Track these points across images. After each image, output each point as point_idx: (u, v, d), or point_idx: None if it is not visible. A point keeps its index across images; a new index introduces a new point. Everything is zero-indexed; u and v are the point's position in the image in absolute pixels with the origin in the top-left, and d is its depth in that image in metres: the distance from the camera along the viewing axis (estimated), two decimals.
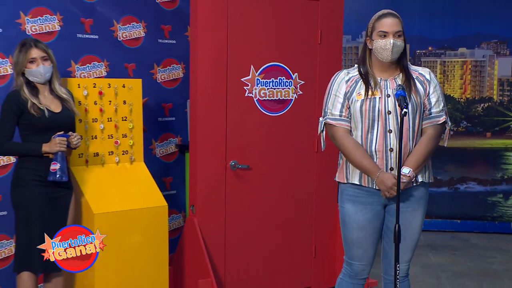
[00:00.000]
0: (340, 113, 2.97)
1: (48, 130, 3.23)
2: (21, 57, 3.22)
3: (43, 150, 3.21)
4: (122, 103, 3.69)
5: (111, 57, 4.12)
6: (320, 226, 4.29)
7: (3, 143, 3.20)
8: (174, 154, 4.50)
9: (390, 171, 2.88)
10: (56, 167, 3.20)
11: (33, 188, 3.22)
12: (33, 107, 3.19)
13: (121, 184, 3.61)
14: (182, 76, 4.45)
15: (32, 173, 3.23)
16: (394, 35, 2.86)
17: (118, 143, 3.68)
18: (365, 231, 2.96)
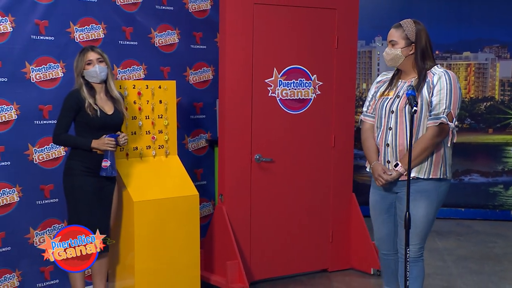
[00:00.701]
0: (366, 110, 3.10)
1: (100, 129, 3.27)
2: (80, 60, 3.29)
3: (92, 145, 3.24)
4: (158, 102, 3.69)
5: (149, 61, 4.13)
6: (336, 214, 4.25)
7: (59, 135, 3.26)
8: (204, 148, 4.50)
9: (387, 164, 2.93)
10: (107, 164, 3.25)
11: (82, 177, 3.26)
12: (89, 107, 3.23)
13: (158, 175, 3.62)
14: (212, 78, 4.44)
15: (81, 164, 3.26)
16: (389, 44, 2.95)
17: (155, 138, 3.68)
18: (374, 210, 3.08)
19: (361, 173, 5.51)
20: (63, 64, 3.78)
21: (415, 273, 2.97)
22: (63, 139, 3.28)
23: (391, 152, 2.91)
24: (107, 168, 3.25)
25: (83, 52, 3.30)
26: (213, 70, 4.43)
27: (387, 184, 2.95)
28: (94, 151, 3.26)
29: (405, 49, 2.93)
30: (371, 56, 6.02)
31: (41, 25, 3.67)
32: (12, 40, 3.57)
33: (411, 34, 2.92)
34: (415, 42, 2.92)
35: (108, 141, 3.24)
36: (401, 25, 2.94)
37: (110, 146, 3.25)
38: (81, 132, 3.30)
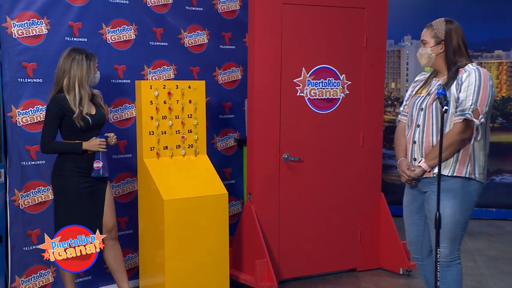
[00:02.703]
0: (403, 109, 3.10)
1: (86, 131, 3.28)
2: (93, 64, 3.27)
3: (84, 147, 3.26)
4: (188, 102, 3.70)
5: (179, 61, 4.14)
6: (364, 213, 4.22)
7: (48, 143, 3.25)
8: (233, 147, 4.50)
9: (414, 161, 2.92)
10: (99, 165, 3.26)
11: (75, 178, 3.26)
12: (78, 117, 3.21)
13: (187, 174, 3.63)
14: (241, 78, 4.44)
15: (74, 165, 3.27)
16: (421, 43, 2.96)
17: (185, 137, 3.69)
18: (406, 211, 3.05)
19: (389, 172, 5.45)
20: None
21: (449, 278, 2.89)
22: (52, 147, 3.26)
23: (417, 149, 2.90)
24: (99, 169, 3.26)
25: (92, 56, 3.27)
26: (242, 70, 4.43)
27: (411, 181, 2.91)
28: (86, 151, 3.27)
29: (435, 48, 2.91)
30: (400, 55, 5.94)
31: (75, 27, 3.73)
32: (47, 42, 3.64)
33: (441, 32, 2.90)
34: (444, 40, 2.89)
35: (100, 142, 3.26)
36: (432, 25, 2.95)
37: (102, 146, 3.26)
38: (68, 136, 3.29)
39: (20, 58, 3.57)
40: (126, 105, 4.00)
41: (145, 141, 3.57)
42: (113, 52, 3.89)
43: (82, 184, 3.28)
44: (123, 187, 4.03)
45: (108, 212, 3.39)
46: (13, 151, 3.58)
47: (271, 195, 3.88)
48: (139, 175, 3.67)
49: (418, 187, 2.97)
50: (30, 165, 3.63)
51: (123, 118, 3.99)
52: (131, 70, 3.97)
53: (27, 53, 3.59)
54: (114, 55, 3.89)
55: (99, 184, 3.36)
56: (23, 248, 3.59)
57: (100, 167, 3.26)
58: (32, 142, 3.56)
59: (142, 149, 3.58)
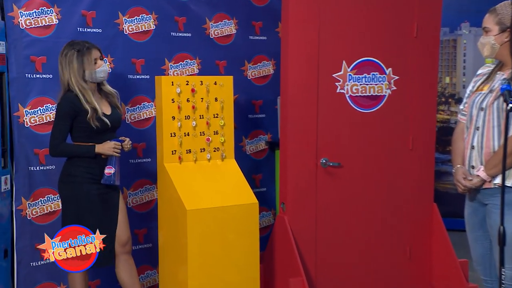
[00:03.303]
0: (463, 107, 3.08)
1: (101, 132, 3.29)
2: (86, 60, 3.26)
3: (96, 151, 3.27)
4: (213, 100, 3.70)
5: (203, 54, 4.16)
6: (415, 227, 4.13)
7: (57, 146, 3.27)
8: (264, 151, 4.51)
9: (471, 169, 2.86)
10: (111, 171, 3.27)
11: (86, 185, 3.28)
12: (93, 117, 3.22)
13: (213, 181, 3.63)
14: (273, 73, 4.45)
15: (84, 170, 3.28)
16: (483, 31, 2.86)
17: (210, 140, 3.69)
18: (468, 226, 3.04)
19: (443, 180, 5.33)
20: (111, 58, 3.87)
21: None
22: (62, 149, 3.27)
23: (476, 155, 2.84)
24: (111, 176, 3.27)
25: (86, 50, 3.27)
26: (274, 64, 4.44)
27: (467, 191, 2.86)
28: (99, 156, 3.29)
29: (499, 36, 2.81)
30: (456, 46, 5.82)
31: (88, 16, 3.77)
32: (57, 33, 3.68)
33: (506, 18, 2.79)
34: (511, 27, 2.78)
35: (115, 146, 3.26)
36: (496, 9, 2.83)
37: (116, 151, 3.26)
38: (79, 138, 3.31)
39: (28, 51, 3.63)
40: (145, 104, 4.04)
41: (166, 144, 3.58)
42: (131, 44, 3.93)
43: (93, 191, 3.30)
44: (141, 195, 4.06)
45: (121, 224, 3.41)
46: (20, 155, 3.63)
47: (307, 205, 3.84)
48: (159, 181, 3.69)
49: (479, 198, 2.89)
50: (38, 170, 3.68)
51: (141, 118, 4.03)
52: (150, 64, 4.00)
53: (35, 46, 3.64)
54: (131, 47, 3.93)
55: (111, 192, 3.38)
56: (31, 264, 3.63)
57: (111, 173, 3.27)
58: (41, 145, 3.61)
59: (163, 152, 3.59)
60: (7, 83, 3.62)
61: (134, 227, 3.83)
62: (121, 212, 3.43)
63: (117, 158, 3.31)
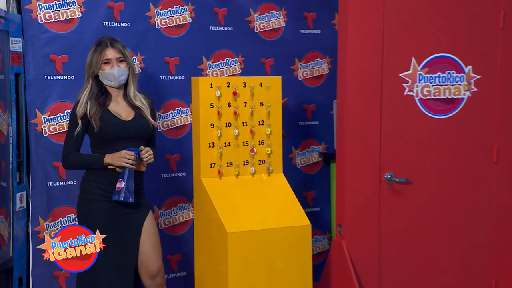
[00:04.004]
0: None
1: (116, 140, 3.26)
2: (96, 57, 3.27)
3: (105, 161, 3.24)
4: (258, 104, 3.70)
5: (247, 51, 4.19)
6: (501, 255, 4.03)
7: (67, 155, 3.27)
8: (317, 164, 4.53)
9: None
10: (121, 185, 3.22)
11: (97, 202, 3.26)
12: (93, 118, 3.22)
13: (258, 198, 3.65)
14: (328, 72, 4.46)
15: (96, 185, 3.27)
16: None
17: (254, 151, 3.70)
18: None
19: None
20: (141, 57, 3.91)
21: None
22: (72, 160, 3.27)
23: None
24: (120, 191, 3.22)
25: (99, 48, 3.28)
26: (330, 62, 4.45)
27: None
28: (112, 168, 3.26)
29: None
30: None
31: (115, 9, 3.82)
32: (80, 28, 3.73)
33: None
34: None
35: (125, 155, 3.21)
36: None
37: (128, 161, 3.20)
38: (96, 148, 3.31)
39: (47, 49, 3.67)
40: (179, 109, 4.06)
41: (204, 155, 3.60)
42: (163, 40, 3.97)
43: (105, 210, 3.26)
44: (174, 215, 4.08)
45: (151, 251, 3.35)
46: (37, 169, 3.67)
47: (369, 228, 3.81)
48: (196, 199, 3.70)
49: None
50: (58, 186, 3.72)
51: (174, 125, 4.06)
52: (186, 63, 4.04)
53: (56, 43, 3.69)
54: (164, 44, 3.97)
55: (134, 212, 3.32)
56: None
57: (122, 188, 3.22)
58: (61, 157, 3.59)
59: (200, 166, 3.61)
60: (24, 86, 3.69)
61: (166, 253, 3.85)
62: (150, 237, 3.36)
63: (131, 171, 3.26)
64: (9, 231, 3.65)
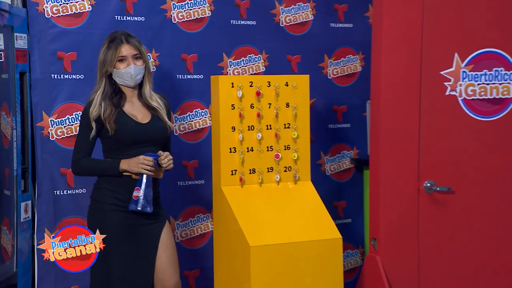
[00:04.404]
0: None
1: (132, 144, 3.24)
2: (110, 54, 3.24)
3: (121, 168, 3.22)
4: (284, 106, 3.69)
5: (271, 47, 4.20)
6: None
7: (78, 161, 3.25)
8: (349, 171, 4.53)
9: None
10: (138, 194, 3.21)
11: (111, 213, 3.24)
12: (107, 121, 3.20)
13: (283, 209, 3.65)
14: (361, 70, 4.46)
15: (110, 194, 3.25)
16: None
17: (279, 157, 3.69)
18: None
19: None
20: (156, 54, 3.92)
21: None
22: (83, 165, 3.25)
23: None
24: (138, 200, 3.20)
25: (114, 44, 3.25)
26: (363, 58, 4.45)
27: None
28: (127, 175, 3.24)
29: None
30: None
31: (128, 2, 3.84)
32: (90, 23, 3.75)
33: None
34: None
35: (143, 160, 3.19)
36: None
37: (146, 168, 3.18)
38: (110, 153, 3.30)
39: (54, 45, 3.69)
40: (197, 111, 4.09)
41: (224, 161, 3.60)
42: (180, 35, 3.98)
43: (120, 221, 3.25)
44: (192, 226, 4.09)
45: (167, 266, 3.35)
46: (43, 176, 3.68)
47: (407, 242, 3.78)
48: (215, 210, 3.71)
49: None
50: (66, 195, 3.74)
51: (192, 129, 4.09)
52: (205, 60, 4.05)
53: (64, 39, 3.71)
54: (181, 40, 3.99)
55: (150, 223, 3.32)
56: None
57: (139, 196, 3.20)
58: (69, 163, 3.54)
59: (220, 173, 3.61)
60: (29, 86, 3.70)
61: (183, 268, 3.84)
62: (167, 250, 3.36)
63: (149, 178, 3.24)
64: (12, 244, 3.66)
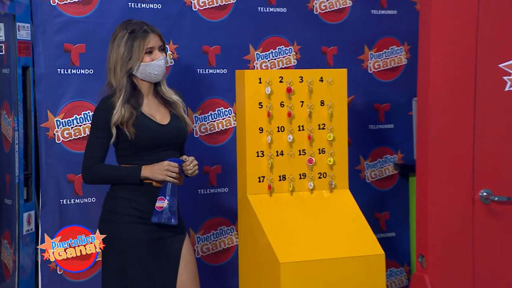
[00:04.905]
0: None
1: (154, 149, 3.23)
2: (136, 47, 3.22)
3: (142, 175, 3.20)
4: (318, 104, 3.67)
5: (304, 38, 4.19)
6: None
7: (91, 167, 3.23)
8: (392, 178, 4.53)
9: None
10: (163, 204, 3.19)
11: (129, 226, 3.23)
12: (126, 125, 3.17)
13: (317, 221, 3.65)
14: (406, 63, 4.46)
15: (128, 204, 3.24)
16: None
17: (313, 162, 3.68)
18: None
19: None
20: (174, 46, 3.94)
21: None
22: (97, 172, 3.23)
23: None
24: (162, 211, 3.19)
25: (139, 34, 3.23)
26: (409, 50, 4.45)
27: None
28: (148, 183, 3.23)
29: None
30: None
31: None
32: (101, 10, 3.77)
33: None
34: None
35: (169, 167, 3.17)
36: None
37: (171, 175, 3.18)
38: (124, 158, 3.28)
39: (61, 36, 3.70)
40: (220, 110, 4.09)
41: (251, 167, 3.60)
42: (201, 25, 4.00)
43: (140, 234, 3.24)
44: (214, 240, 4.12)
45: (188, 284, 3.34)
46: (48, 183, 3.69)
47: (459, 258, 3.70)
48: (241, 221, 3.72)
49: None
50: (73, 204, 3.74)
51: (214, 130, 4.11)
52: (229, 53, 4.06)
53: (71, 29, 3.72)
54: (202, 30, 4.00)
55: (171, 236, 3.31)
56: None
57: (164, 207, 3.19)
58: (77, 169, 3.56)
59: (246, 180, 3.62)
60: (32, 82, 3.69)
61: (206, 286, 3.81)
62: (188, 266, 3.35)
63: (173, 186, 3.23)
64: (14, 260, 3.67)
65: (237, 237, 3.89)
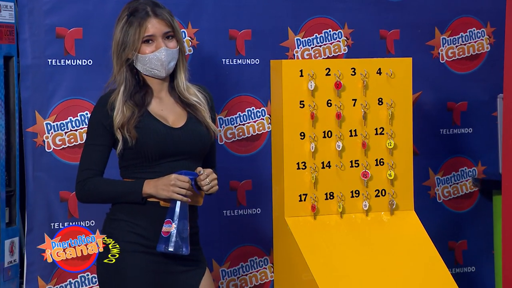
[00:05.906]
0: None
1: (161, 158, 3.20)
2: (132, 33, 3.19)
3: (144, 192, 3.16)
4: (376, 102, 3.68)
5: (357, 19, 4.27)
6: None
7: (85, 181, 3.21)
8: (471, 196, 4.55)
9: None
10: (170, 229, 3.14)
11: (131, 256, 3.20)
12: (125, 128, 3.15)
13: (374, 250, 3.67)
14: (489, 50, 4.48)
15: (128, 228, 3.21)
16: None
17: (368, 176, 3.69)
18: None
19: None
20: (194, 30, 3.98)
21: None
22: (92, 188, 3.21)
23: None
24: (169, 238, 3.13)
25: (136, 18, 3.19)
26: (492, 33, 4.47)
27: None
28: (153, 201, 3.19)
29: None
30: None
31: None
32: None
33: None
34: None
35: (176, 181, 3.12)
36: None
37: (180, 191, 3.13)
38: (128, 170, 3.26)
39: (52, 19, 3.73)
40: (251, 110, 4.15)
41: (289, 182, 3.62)
42: (227, 3, 4.02)
43: (143, 265, 3.22)
44: (243, 275, 4.17)
45: None
46: (36, 203, 3.71)
47: None
48: (277, 251, 3.76)
49: None
50: None
51: (244, 135, 4.17)
52: (262, 39, 4.08)
53: (65, 10, 3.76)
54: (228, 9, 4.08)
55: (187, 271, 3.27)
56: None
57: (171, 232, 3.14)
58: (72, 185, 3.50)
59: (283, 198, 3.63)
60: (17, 76, 3.69)
61: None
62: None
63: (184, 206, 3.18)
64: None
65: (272, 271, 3.88)
